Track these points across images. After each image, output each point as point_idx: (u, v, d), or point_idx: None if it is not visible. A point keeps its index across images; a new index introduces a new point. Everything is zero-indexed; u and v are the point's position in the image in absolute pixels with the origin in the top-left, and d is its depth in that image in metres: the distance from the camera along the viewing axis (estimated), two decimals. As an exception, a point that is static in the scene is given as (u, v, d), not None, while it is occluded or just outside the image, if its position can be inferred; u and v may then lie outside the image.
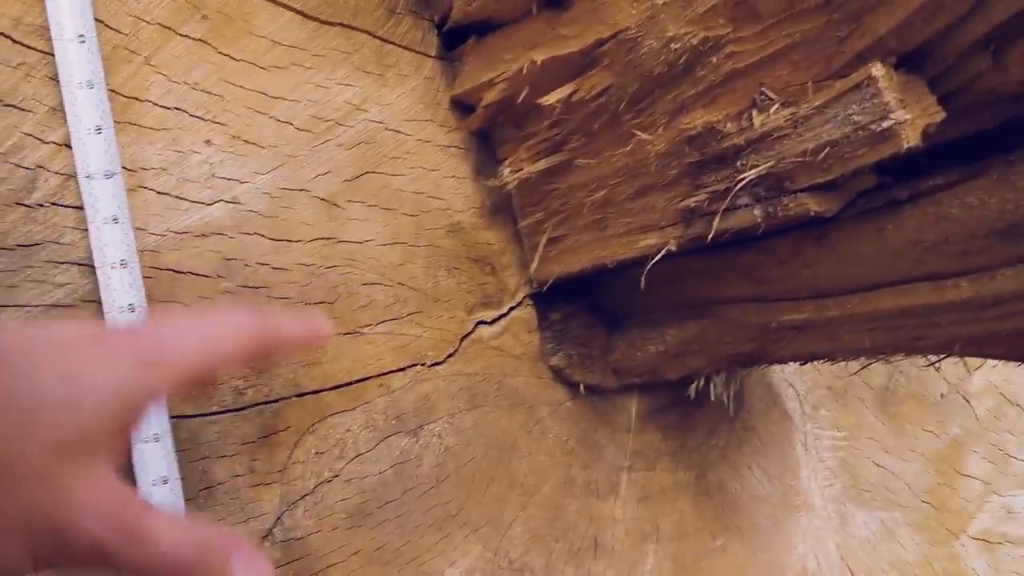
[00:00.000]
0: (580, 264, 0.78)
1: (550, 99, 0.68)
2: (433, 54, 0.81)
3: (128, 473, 0.62)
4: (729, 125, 0.58)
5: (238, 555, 0.33)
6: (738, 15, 0.56)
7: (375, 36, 0.78)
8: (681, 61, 0.60)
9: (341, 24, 0.76)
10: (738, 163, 0.59)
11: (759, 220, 0.59)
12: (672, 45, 0.59)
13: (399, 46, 0.79)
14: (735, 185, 0.58)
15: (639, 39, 0.61)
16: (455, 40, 0.81)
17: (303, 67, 0.73)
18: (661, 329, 0.84)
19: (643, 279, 0.69)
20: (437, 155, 0.81)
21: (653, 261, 0.67)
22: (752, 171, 0.56)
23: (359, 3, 0.76)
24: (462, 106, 0.82)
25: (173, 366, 0.33)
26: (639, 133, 0.65)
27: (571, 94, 0.68)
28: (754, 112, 0.57)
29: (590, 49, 0.65)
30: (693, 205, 0.64)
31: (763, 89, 0.57)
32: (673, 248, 0.67)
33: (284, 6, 0.72)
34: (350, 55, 0.76)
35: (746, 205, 0.59)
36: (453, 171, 0.82)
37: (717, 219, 0.60)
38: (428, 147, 0.81)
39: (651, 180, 0.67)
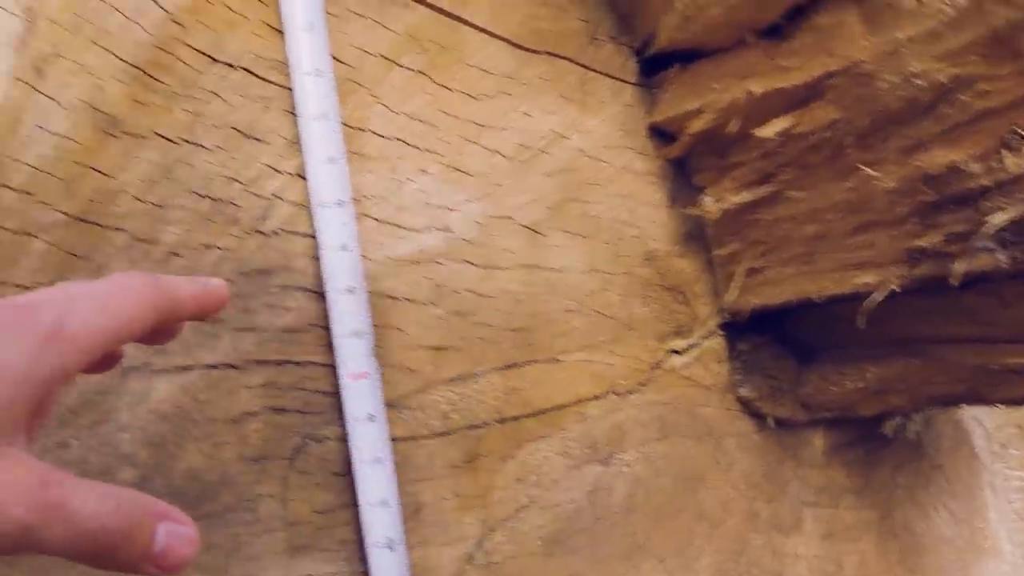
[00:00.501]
0: (782, 297, 0.76)
1: (767, 131, 0.67)
2: (632, 80, 0.81)
3: (349, 488, 0.65)
4: (974, 166, 0.56)
5: (165, 522, 0.32)
6: (994, 53, 0.54)
7: (578, 63, 0.78)
8: (924, 99, 0.58)
9: (547, 52, 0.76)
10: (981, 205, 0.56)
11: (1004, 265, 0.56)
12: (915, 81, 0.57)
13: (600, 73, 0.79)
14: (978, 228, 0.56)
15: (875, 74, 0.60)
16: (654, 66, 0.81)
17: (511, 95, 0.75)
18: (860, 365, 0.81)
19: (861, 319, 0.67)
20: (634, 182, 0.81)
21: (877, 301, 0.65)
22: (1001, 214, 0.54)
23: (563, 30, 0.77)
24: (660, 133, 0.82)
25: (77, 341, 0.31)
26: (866, 169, 0.63)
27: (791, 126, 0.66)
28: (1005, 153, 0.54)
29: (816, 82, 0.64)
30: (924, 246, 0.61)
31: (1016, 129, 0.54)
32: (896, 288, 0.65)
33: (495, 36, 0.74)
34: (554, 83, 0.77)
35: (988, 249, 0.57)
36: (649, 198, 0.82)
37: (957, 263, 0.57)
38: (626, 174, 0.81)
39: (874, 217, 0.65)
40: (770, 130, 0.67)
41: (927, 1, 0.58)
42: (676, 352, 0.83)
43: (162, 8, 0.60)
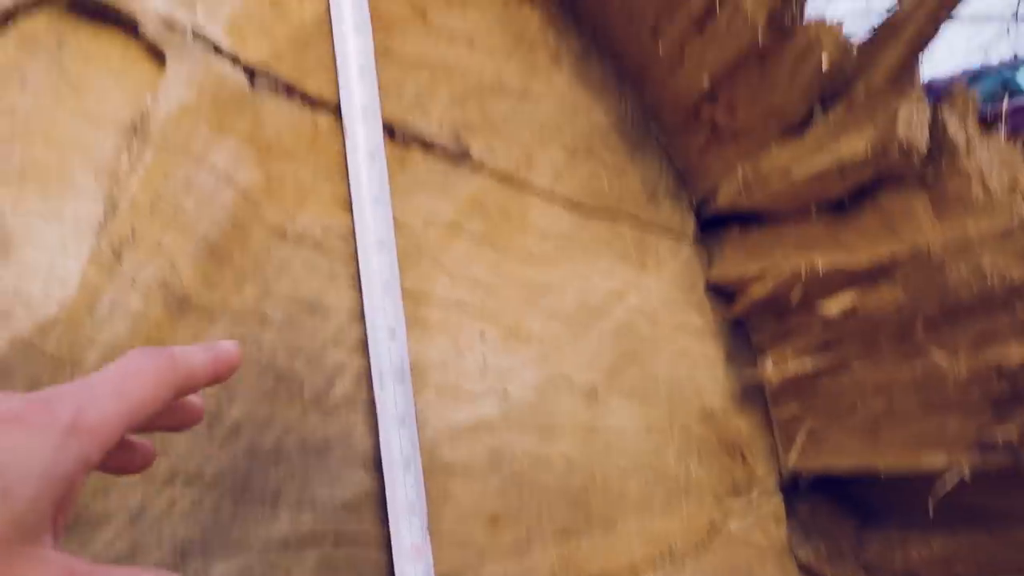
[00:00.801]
0: (845, 464, 0.75)
1: (832, 308, 0.67)
2: (691, 238, 0.82)
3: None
4: (1052, 365, 0.55)
5: None
6: (1071, 253, 0.53)
7: (636, 223, 0.79)
8: (997, 294, 0.57)
9: (606, 212, 0.77)
10: (1059, 401, 0.55)
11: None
12: (988, 277, 0.57)
13: (658, 231, 0.80)
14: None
15: (945, 263, 0.59)
16: (712, 224, 0.81)
17: (570, 257, 0.75)
18: (925, 533, 0.78)
19: (932, 501, 0.65)
20: (691, 340, 0.81)
21: (945, 485, 0.63)
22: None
23: (623, 190, 0.78)
24: (717, 290, 0.81)
25: (97, 431, 0.31)
26: (936, 354, 0.62)
27: (856, 303, 0.66)
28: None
29: (882, 264, 0.64)
30: (998, 438, 0.60)
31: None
32: (966, 475, 0.63)
33: (556, 198, 0.74)
34: (613, 242, 0.77)
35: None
36: (706, 356, 0.81)
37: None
38: (683, 332, 0.80)
39: (944, 400, 0.64)
40: (835, 307, 0.67)
41: (998, 196, 0.58)
42: (733, 514, 0.81)
43: (237, 187, 0.62)
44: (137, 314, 0.58)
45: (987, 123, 0.64)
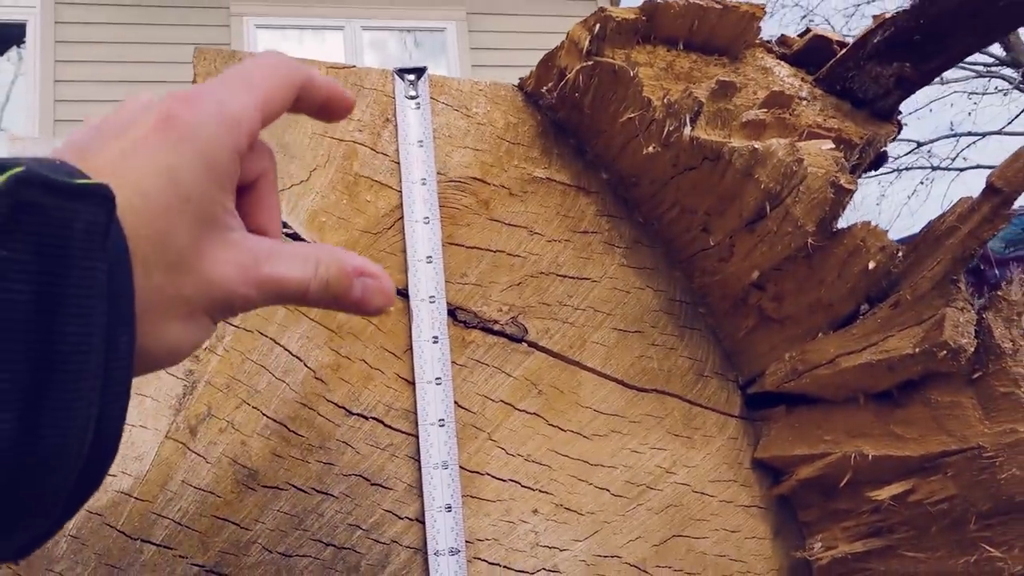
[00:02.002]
0: (896, 652, 0.71)
1: (883, 495, 0.65)
2: (736, 414, 0.81)
3: None
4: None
5: (360, 277, 0.35)
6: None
7: (684, 399, 0.78)
8: (1050, 496, 0.56)
9: (655, 390, 0.77)
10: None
11: None
12: (1041, 479, 0.56)
13: (706, 408, 0.79)
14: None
15: (997, 463, 0.58)
16: (759, 401, 0.81)
17: (621, 434, 0.75)
18: None
19: None
20: (738, 516, 0.79)
21: None
22: None
23: (672, 368, 0.78)
24: (763, 466, 0.80)
25: (240, 119, 0.32)
26: (990, 549, 0.60)
27: (906, 493, 0.64)
28: None
29: (933, 457, 0.62)
30: (1056, 638, 0.57)
31: None
32: (1024, 673, 0.60)
33: (607, 377, 0.75)
34: (662, 419, 0.77)
35: None
36: (753, 531, 0.79)
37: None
38: (730, 508, 0.79)
39: (999, 596, 0.61)
40: (886, 495, 0.65)
41: (1046, 397, 0.57)
42: None
43: (307, 366, 0.63)
44: (207, 490, 0.59)
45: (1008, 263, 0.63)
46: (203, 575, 0.57)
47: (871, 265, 0.63)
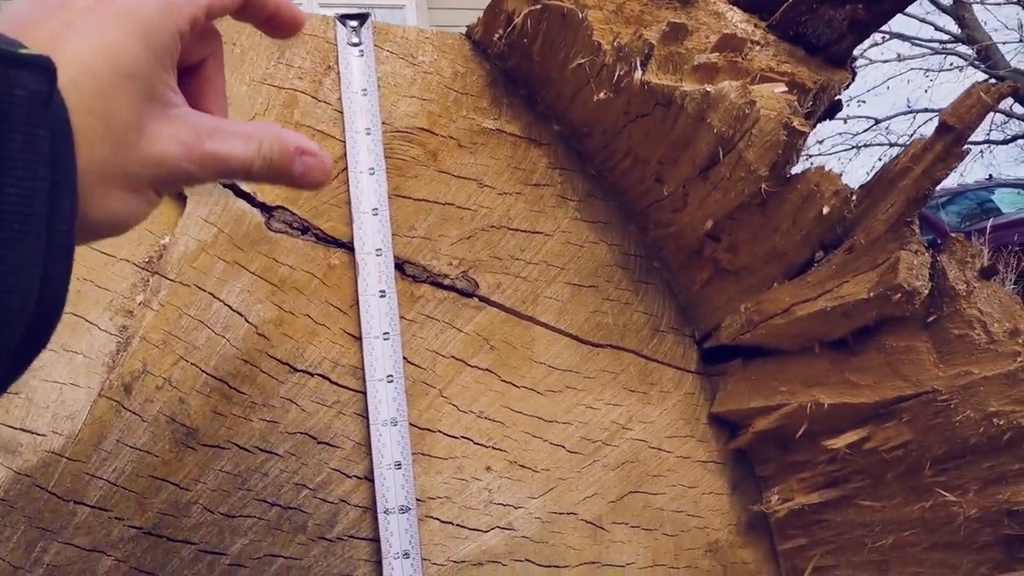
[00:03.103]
0: (854, 602, 0.70)
1: (839, 443, 0.64)
2: (693, 369, 0.79)
3: None
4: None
5: (301, 155, 0.35)
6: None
7: (640, 355, 0.76)
8: (1004, 437, 0.55)
9: (611, 345, 0.75)
10: (1074, 548, 0.52)
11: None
12: (994, 420, 0.54)
13: (662, 363, 0.77)
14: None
15: (951, 406, 0.57)
16: (715, 356, 0.79)
17: (575, 390, 0.72)
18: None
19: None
20: (696, 471, 0.77)
21: (960, 629, 0.59)
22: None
23: (627, 323, 0.76)
24: (720, 421, 0.78)
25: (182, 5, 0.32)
26: (944, 494, 0.59)
27: (862, 441, 0.63)
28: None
29: (887, 403, 0.61)
30: (1011, 578, 0.56)
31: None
32: (980, 615, 0.59)
33: (561, 332, 0.72)
34: (617, 375, 0.75)
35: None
36: (710, 487, 0.78)
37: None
38: (687, 463, 0.77)
39: (954, 539, 0.60)
40: (841, 443, 0.64)
41: (1000, 338, 0.56)
42: (741, 651, 0.76)
43: (249, 322, 0.60)
44: (143, 450, 0.56)
45: (969, 238, 0.62)
46: (141, 537, 0.55)
47: (825, 210, 0.61)
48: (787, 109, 0.60)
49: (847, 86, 0.72)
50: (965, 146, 0.58)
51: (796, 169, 0.65)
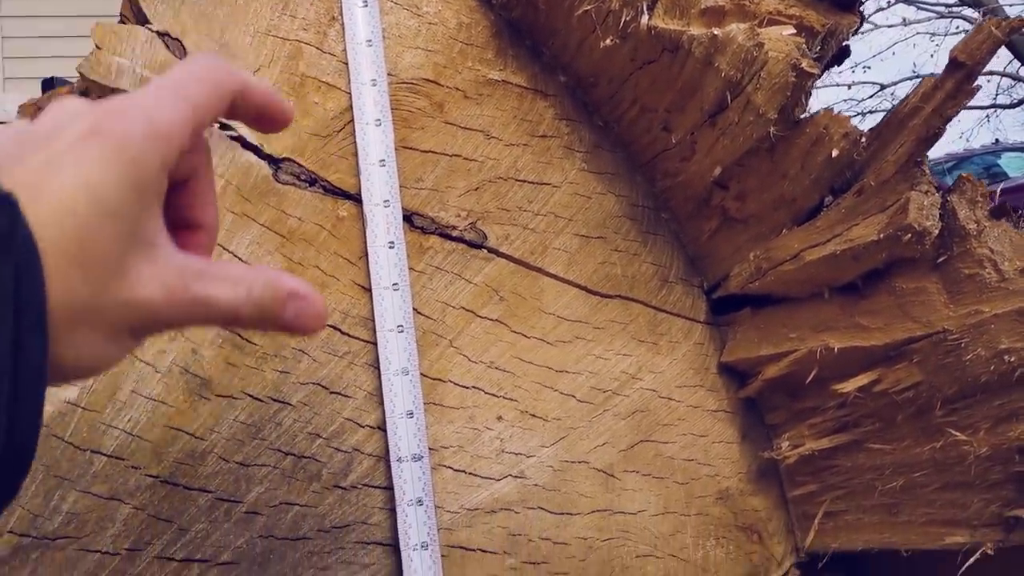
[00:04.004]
0: (864, 543, 0.70)
1: (849, 387, 0.63)
2: (702, 319, 0.79)
3: None
4: (1075, 444, 0.51)
5: (294, 297, 0.33)
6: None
7: (650, 305, 0.76)
8: (1015, 374, 0.54)
9: (620, 296, 0.74)
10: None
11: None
12: (1005, 357, 0.54)
13: (671, 313, 0.77)
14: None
15: (962, 345, 0.56)
16: (724, 305, 0.78)
17: (585, 340, 0.72)
18: (946, 613, 0.73)
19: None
20: (706, 420, 0.77)
21: (968, 563, 0.59)
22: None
23: (636, 274, 0.75)
24: (730, 371, 0.78)
25: (169, 135, 0.31)
26: (955, 433, 0.58)
27: (872, 383, 0.62)
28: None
29: (898, 345, 0.60)
30: (1022, 514, 0.56)
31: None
32: (990, 551, 0.59)
33: (570, 283, 0.72)
34: (627, 325, 0.74)
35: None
36: (721, 436, 0.78)
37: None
38: (697, 412, 0.77)
39: (965, 479, 0.60)
40: (851, 386, 0.63)
41: (1010, 276, 0.55)
42: (752, 596, 0.77)
43: (259, 273, 0.60)
44: (158, 400, 0.56)
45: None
46: (158, 485, 0.55)
47: (834, 153, 0.60)
48: (795, 51, 0.59)
49: (855, 31, 0.70)
50: (971, 111, 0.57)
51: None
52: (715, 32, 0.60)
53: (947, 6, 10.70)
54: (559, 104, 0.73)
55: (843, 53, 0.72)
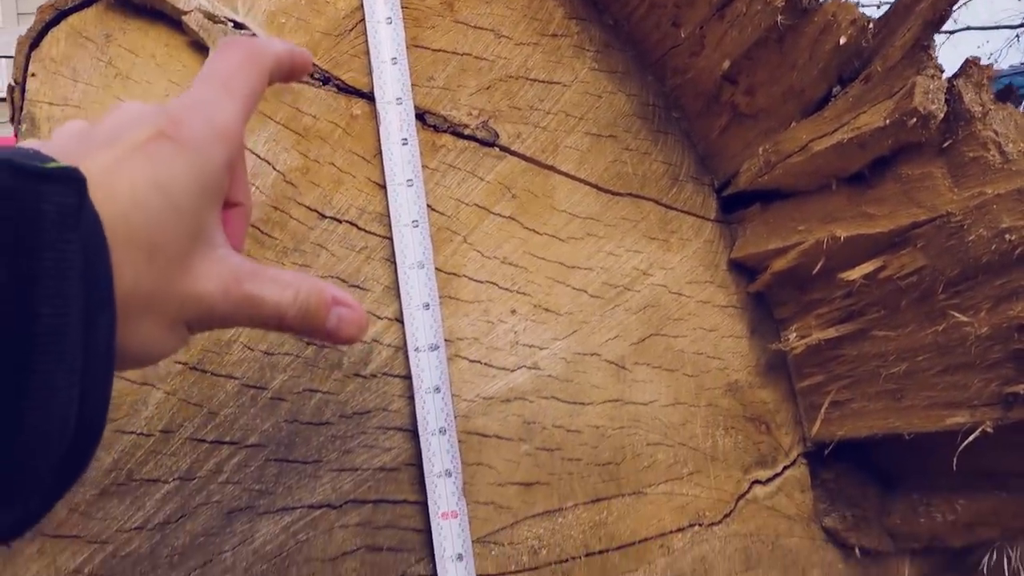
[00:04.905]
0: (869, 430, 0.72)
1: (854, 275, 0.64)
2: (713, 217, 0.79)
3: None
4: (1072, 318, 0.52)
5: (336, 307, 0.35)
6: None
7: (660, 203, 0.77)
8: (1016, 252, 0.55)
9: (630, 194, 0.75)
10: (1080, 356, 0.52)
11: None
12: (1007, 236, 0.54)
13: (682, 211, 0.78)
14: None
15: (965, 226, 0.57)
16: (734, 203, 0.79)
17: (597, 237, 0.73)
18: (949, 497, 0.75)
19: (955, 458, 0.62)
20: (715, 315, 0.78)
21: (967, 441, 0.61)
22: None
23: (647, 173, 0.76)
24: (740, 267, 0.79)
25: (229, 132, 0.33)
26: (957, 315, 0.59)
27: (877, 270, 0.63)
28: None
29: (903, 230, 0.61)
30: (1021, 391, 0.57)
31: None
32: (989, 430, 0.60)
33: (582, 181, 0.73)
34: (638, 223, 0.75)
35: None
36: (730, 330, 0.79)
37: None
38: (707, 308, 0.78)
39: (966, 360, 0.61)
40: (857, 274, 0.64)
41: (1014, 158, 0.55)
42: (759, 482, 0.79)
43: (276, 170, 0.61)
44: (184, 290, 0.57)
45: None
46: (187, 372, 0.57)
47: (842, 40, 0.60)
48: (803, -64, 0.58)
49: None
50: (999, 31, 0.56)
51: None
52: (722, -81, 0.59)
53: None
54: (568, 3, 0.73)
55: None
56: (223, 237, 0.33)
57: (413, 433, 0.63)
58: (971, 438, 0.61)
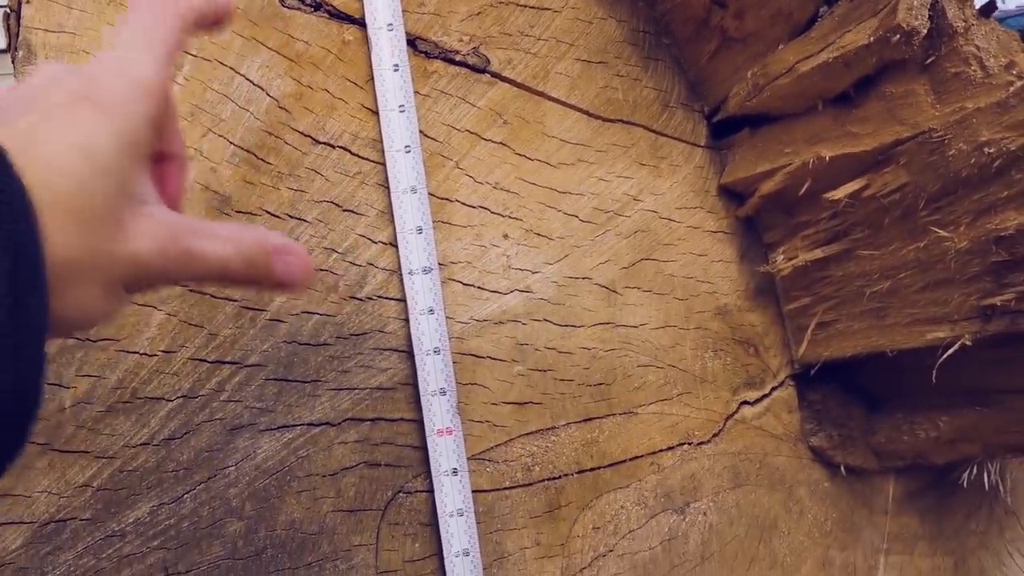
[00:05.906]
0: (853, 349, 0.74)
1: (838, 194, 0.65)
2: (703, 143, 0.80)
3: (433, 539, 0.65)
4: (1047, 228, 0.54)
5: (279, 255, 0.34)
6: (1065, 121, 0.52)
7: (651, 129, 0.78)
8: (994, 165, 0.56)
9: (621, 120, 0.76)
10: (1055, 265, 0.54)
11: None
12: (986, 149, 0.56)
13: (672, 137, 0.79)
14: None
15: (946, 141, 0.58)
16: (724, 129, 0.80)
17: (587, 163, 0.74)
18: (931, 414, 0.78)
19: (934, 372, 0.64)
20: (705, 240, 0.80)
21: (947, 354, 0.63)
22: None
23: (637, 99, 0.77)
24: (729, 193, 0.80)
25: (151, 87, 0.32)
26: (937, 230, 0.61)
27: (861, 189, 0.65)
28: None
29: (886, 148, 0.62)
30: (998, 303, 0.59)
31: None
32: (968, 343, 0.62)
33: (572, 107, 0.74)
34: (628, 149, 0.77)
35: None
36: (720, 255, 0.81)
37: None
38: (697, 233, 0.80)
39: (946, 275, 0.63)
40: (841, 193, 0.65)
41: (994, 72, 0.56)
42: (748, 403, 0.81)
43: (270, 96, 0.62)
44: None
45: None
46: (187, 294, 0.59)
47: (828, -41, 0.61)
48: None
49: None
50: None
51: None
52: None
53: None
54: (558, -74, 0.73)
55: None
56: (155, 194, 0.32)
57: (408, 354, 0.65)
58: (950, 351, 0.63)
